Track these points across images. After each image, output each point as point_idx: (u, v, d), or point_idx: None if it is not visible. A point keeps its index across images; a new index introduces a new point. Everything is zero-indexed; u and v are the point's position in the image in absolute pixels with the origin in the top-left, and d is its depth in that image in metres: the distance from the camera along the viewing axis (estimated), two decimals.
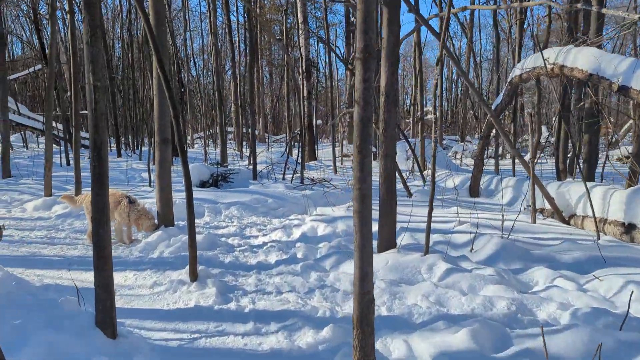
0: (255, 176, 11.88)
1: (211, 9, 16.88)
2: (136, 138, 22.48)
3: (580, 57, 6.27)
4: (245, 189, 9.76)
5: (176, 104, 4.49)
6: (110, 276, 3.24)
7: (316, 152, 19.59)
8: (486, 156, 13.49)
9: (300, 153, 12.04)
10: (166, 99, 4.72)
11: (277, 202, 8.57)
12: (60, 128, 18.24)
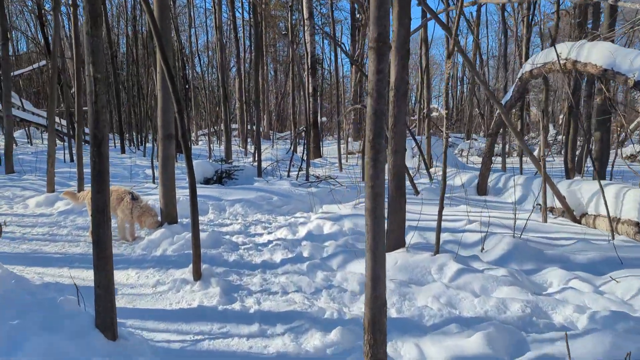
0: (260, 173, 11.76)
1: (216, 5, 16.76)
2: (140, 134, 22.40)
3: (594, 52, 6.11)
4: (249, 186, 9.64)
5: (180, 99, 4.37)
6: (110, 276, 3.12)
7: (321, 149, 19.45)
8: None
9: (305, 150, 11.90)
10: (170, 94, 4.60)
11: (282, 200, 8.44)
12: (64, 124, 18.18)
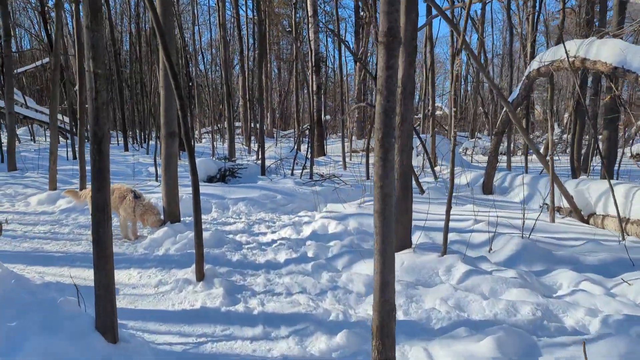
0: (263, 171, 11.69)
1: (219, 2, 16.66)
2: (143, 132, 22.36)
3: (604, 50, 6.00)
4: (253, 185, 9.56)
5: (183, 96, 4.29)
6: (111, 277, 3.05)
7: (325, 148, 19.35)
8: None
9: (309, 148, 11.82)
10: (173, 91, 4.52)
11: (286, 198, 8.36)
12: (67, 121, 18.13)
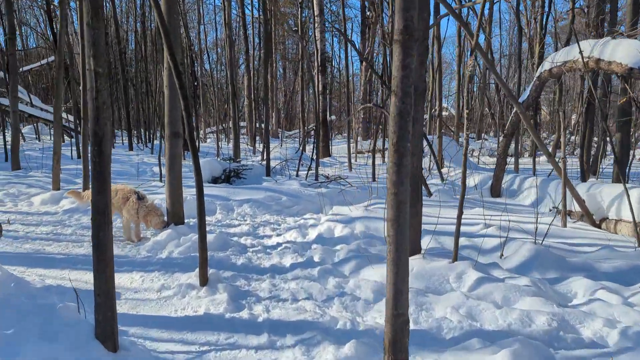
0: (268, 172, 11.57)
1: (225, 1, 16.58)
2: (148, 131, 22.31)
3: (619, 50, 5.84)
4: (258, 186, 9.44)
5: (187, 95, 4.18)
6: (111, 283, 2.94)
7: (330, 148, 19.23)
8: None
9: (314, 149, 11.69)
10: (177, 90, 4.42)
11: (292, 200, 8.24)
12: (72, 120, 18.09)
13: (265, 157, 12.15)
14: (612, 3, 11.47)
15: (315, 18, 18.35)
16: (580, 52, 5.89)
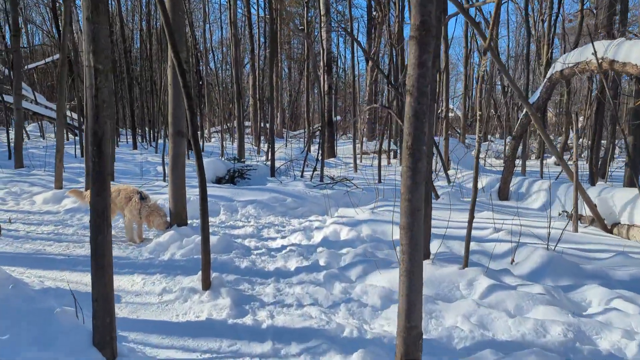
0: (273, 173, 11.46)
1: (231, 0, 16.46)
2: (153, 130, 22.24)
3: (634, 51, 5.69)
4: (262, 187, 9.33)
5: (191, 94, 4.07)
6: (110, 289, 2.83)
7: (335, 149, 19.09)
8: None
9: (320, 150, 11.57)
10: (181, 89, 4.30)
11: (297, 202, 8.12)
12: (76, 118, 18.03)
13: (269, 158, 12.04)
14: (623, 3, 11.31)
15: (321, 18, 18.22)
16: (593, 53, 5.75)
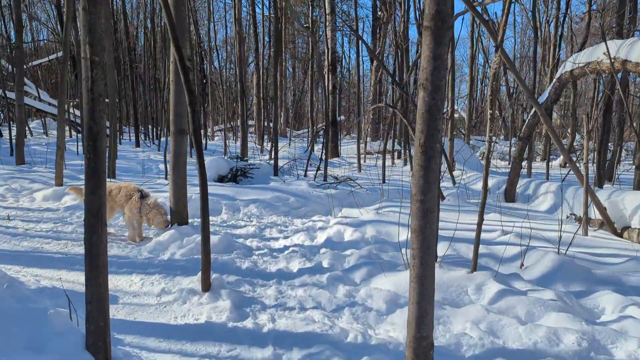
0: (276, 172, 11.34)
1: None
2: (156, 128, 22.16)
3: None
4: (265, 186, 9.21)
5: (192, 90, 3.95)
6: (104, 291, 2.71)
7: (339, 149, 18.96)
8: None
9: (323, 149, 11.44)
10: (183, 85, 4.19)
11: (300, 201, 7.99)
12: (79, 114, 17.97)
13: (273, 156, 11.92)
14: (632, 2, 11.16)
15: (326, 17, 18.09)
16: (606, 53, 5.60)
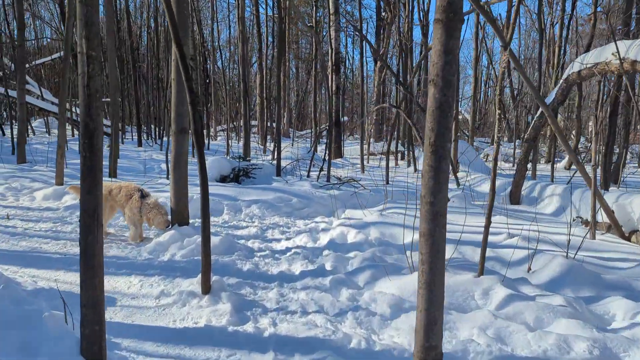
0: (279, 172, 11.25)
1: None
2: (159, 127, 22.11)
3: None
4: (268, 186, 9.12)
5: (193, 87, 3.86)
6: (100, 293, 2.62)
7: (342, 149, 18.87)
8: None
9: (327, 149, 11.34)
10: (184, 83, 4.10)
11: (302, 202, 7.90)
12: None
13: (276, 157, 11.83)
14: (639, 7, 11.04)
15: (330, 17, 18.02)
16: (615, 53, 5.49)
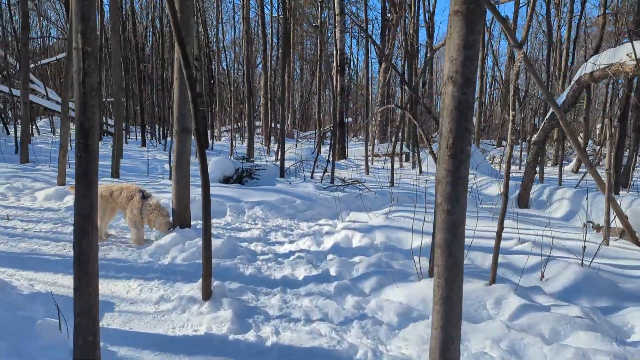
0: (282, 173, 11.11)
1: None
2: (163, 127, 22.02)
3: None
4: (271, 187, 8.98)
5: (195, 85, 3.72)
6: (94, 301, 2.48)
7: (346, 151, 18.71)
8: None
9: (331, 151, 11.20)
10: (186, 82, 3.97)
11: (306, 204, 7.76)
12: None
13: (279, 158, 11.70)
14: None
15: (335, 17, 17.87)
16: (629, 54, 5.32)
